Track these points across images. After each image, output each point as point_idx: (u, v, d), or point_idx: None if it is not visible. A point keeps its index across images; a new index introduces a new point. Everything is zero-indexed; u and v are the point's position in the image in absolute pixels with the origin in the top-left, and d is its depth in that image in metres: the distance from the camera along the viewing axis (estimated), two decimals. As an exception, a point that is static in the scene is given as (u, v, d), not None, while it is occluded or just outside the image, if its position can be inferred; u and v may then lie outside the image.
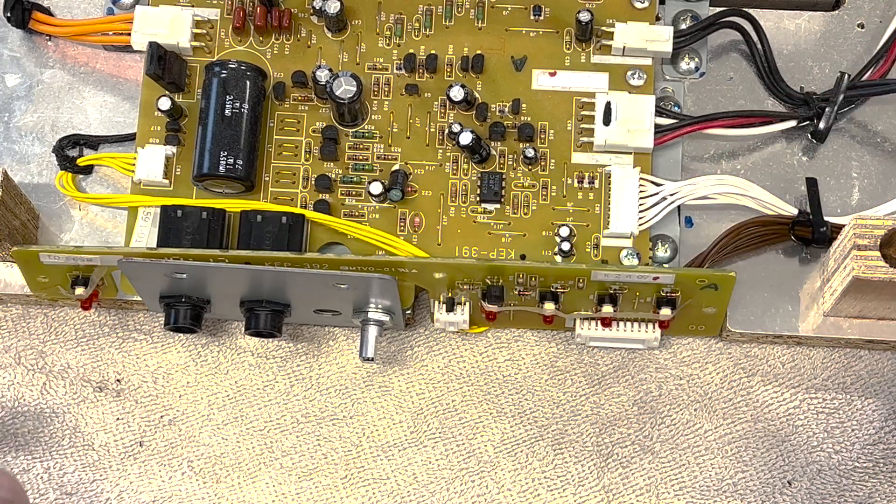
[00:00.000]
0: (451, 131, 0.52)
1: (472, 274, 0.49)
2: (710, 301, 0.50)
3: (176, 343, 0.54)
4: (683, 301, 0.49)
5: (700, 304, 0.50)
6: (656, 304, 0.50)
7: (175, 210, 0.52)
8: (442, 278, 0.50)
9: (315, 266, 0.49)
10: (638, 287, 0.49)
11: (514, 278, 0.49)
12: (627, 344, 0.52)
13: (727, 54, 0.56)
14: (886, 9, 0.56)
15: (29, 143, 0.55)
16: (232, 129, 0.52)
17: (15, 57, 0.56)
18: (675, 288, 0.49)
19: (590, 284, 0.49)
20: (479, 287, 0.50)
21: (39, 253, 0.49)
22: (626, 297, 0.50)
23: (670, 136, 0.53)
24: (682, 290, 0.49)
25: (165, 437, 0.53)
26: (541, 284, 0.50)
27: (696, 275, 0.48)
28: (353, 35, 0.54)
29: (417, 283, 0.51)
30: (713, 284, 0.49)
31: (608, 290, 0.49)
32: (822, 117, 0.53)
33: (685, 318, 0.51)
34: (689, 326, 0.52)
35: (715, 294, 0.49)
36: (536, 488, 0.53)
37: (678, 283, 0.49)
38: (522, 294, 0.50)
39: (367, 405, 0.54)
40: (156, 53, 0.52)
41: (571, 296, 0.50)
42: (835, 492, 0.52)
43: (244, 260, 0.49)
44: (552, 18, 0.54)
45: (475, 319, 0.52)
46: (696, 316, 0.51)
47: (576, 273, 0.49)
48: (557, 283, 0.49)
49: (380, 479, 0.53)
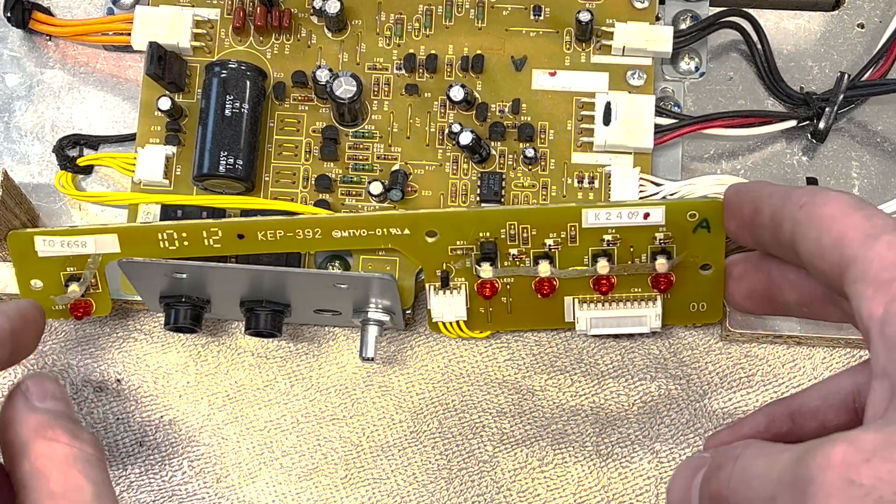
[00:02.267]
0: (451, 131, 0.53)
1: (464, 226, 0.49)
2: (705, 251, 0.49)
3: (176, 343, 0.54)
4: (679, 250, 0.49)
5: (696, 256, 0.49)
6: (652, 258, 0.49)
7: (175, 210, 0.52)
8: (435, 242, 0.49)
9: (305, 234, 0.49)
10: (631, 236, 0.48)
11: (506, 231, 0.49)
12: (629, 327, 0.51)
13: (727, 54, 0.56)
14: (886, 9, 0.56)
15: (29, 143, 0.55)
16: (232, 129, 0.52)
17: (15, 57, 0.56)
18: (668, 233, 0.48)
19: (583, 235, 0.49)
20: (473, 255, 0.49)
21: (35, 236, 0.49)
22: (621, 253, 0.49)
23: (670, 136, 0.53)
24: (675, 235, 0.48)
25: (165, 437, 0.53)
26: (534, 242, 0.49)
27: (685, 205, 0.48)
28: (353, 35, 0.54)
29: (411, 254, 0.50)
30: (704, 221, 0.48)
31: (602, 243, 0.49)
32: (822, 117, 0.53)
33: (684, 291, 0.50)
34: (690, 305, 0.51)
35: (709, 241, 0.48)
36: (536, 488, 0.53)
37: (669, 222, 0.48)
38: (516, 258, 0.49)
39: (367, 405, 0.54)
40: (156, 53, 0.52)
41: (566, 255, 0.49)
42: (835, 492, 0.52)
43: (236, 228, 0.49)
44: (552, 18, 0.54)
45: (474, 322, 0.52)
46: (694, 286, 0.50)
47: (566, 216, 0.48)
48: (550, 236, 0.49)
49: (380, 479, 0.53)
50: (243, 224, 0.49)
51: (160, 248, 0.49)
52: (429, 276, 0.50)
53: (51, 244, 0.49)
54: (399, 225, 0.49)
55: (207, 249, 0.49)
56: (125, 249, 0.49)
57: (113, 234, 0.49)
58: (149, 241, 0.49)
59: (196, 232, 0.49)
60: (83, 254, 0.50)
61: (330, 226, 0.49)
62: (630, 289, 0.50)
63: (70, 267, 0.50)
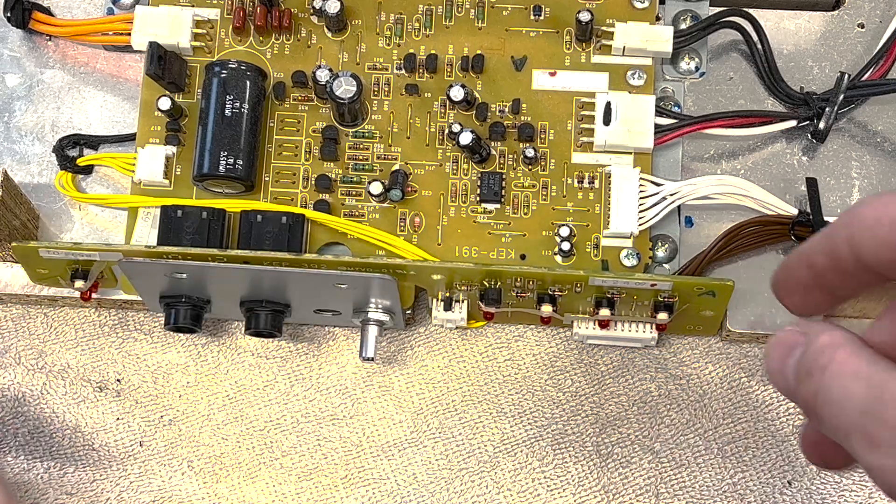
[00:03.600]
0: (451, 131, 0.53)
1: (470, 277, 0.49)
2: (707, 306, 0.50)
3: (176, 343, 0.54)
4: (681, 306, 0.49)
5: (697, 308, 0.50)
6: (654, 309, 0.50)
7: (175, 210, 0.52)
8: (440, 279, 0.50)
9: (314, 266, 0.49)
10: (636, 292, 0.49)
11: (511, 282, 0.49)
12: (625, 343, 0.53)
13: (727, 54, 0.56)
14: (886, 9, 0.56)
15: (29, 143, 0.55)
16: (232, 129, 0.52)
17: (15, 57, 0.56)
18: (672, 293, 0.49)
19: (587, 289, 0.49)
20: (476, 288, 0.50)
21: (39, 249, 0.49)
22: (624, 300, 0.50)
23: (670, 136, 0.53)
24: (679, 296, 0.49)
25: (165, 437, 0.53)
26: (538, 287, 0.50)
27: (693, 283, 0.48)
28: (353, 35, 0.54)
29: (416, 283, 0.51)
30: (711, 291, 0.49)
31: (606, 294, 0.49)
32: (822, 117, 0.53)
33: (683, 320, 0.51)
34: (687, 326, 0.52)
35: (713, 300, 0.49)
36: (536, 488, 0.53)
37: (676, 290, 0.49)
38: (520, 296, 0.50)
39: (367, 405, 0.54)
40: (156, 53, 0.52)
41: (569, 298, 0.50)
42: (835, 492, 0.52)
43: (243, 259, 0.49)
44: (552, 18, 0.54)
45: (474, 315, 0.52)
46: (693, 317, 0.51)
47: (574, 278, 0.49)
48: (555, 286, 0.49)
49: (380, 479, 0.53)
50: (249, 256, 0.49)
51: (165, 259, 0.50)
52: (432, 294, 0.51)
53: (55, 253, 0.50)
54: (406, 269, 0.49)
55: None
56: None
57: (117, 253, 0.49)
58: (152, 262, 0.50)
59: (200, 259, 0.49)
60: (88, 260, 0.50)
61: (336, 265, 0.49)
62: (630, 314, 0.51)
63: (76, 265, 0.51)
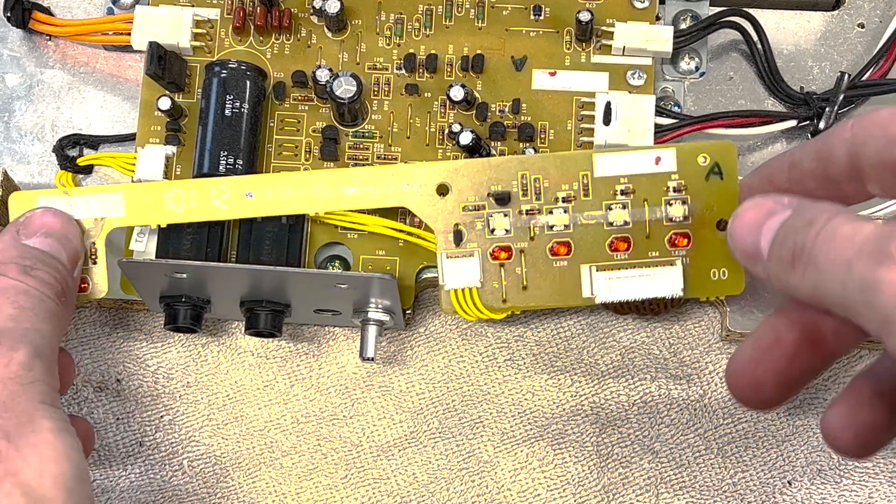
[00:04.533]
0: (451, 131, 0.53)
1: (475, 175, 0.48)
2: (719, 200, 0.48)
3: (176, 343, 0.54)
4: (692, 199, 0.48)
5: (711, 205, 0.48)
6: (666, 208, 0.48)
7: (175, 210, 0.52)
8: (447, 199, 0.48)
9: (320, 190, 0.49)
10: (644, 185, 0.48)
11: (517, 183, 0.48)
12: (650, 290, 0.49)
13: (727, 54, 0.56)
14: (886, 9, 0.56)
15: (29, 143, 0.55)
16: (232, 129, 0.52)
17: (15, 57, 0.56)
18: (680, 181, 0.48)
19: (595, 185, 0.48)
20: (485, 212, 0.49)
21: (38, 196, 0.49)
22: (635, 205, 0.48)
23: (670, 136, 0.53)
24: (688, 183, 0.48)
25: (165, 437, 0.53)
26: (546, 196, 0.48)
27: (695, 147, 0.48)
28: (353, 35, 0.54)
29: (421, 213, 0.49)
30: (717, 167, 0.48)
31: (615, 195, 0.48)
32: (822, 117, 0.53)
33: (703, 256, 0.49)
34: (710, 272, 0.49)
35: (722, 190, 0.48)
36: (536, 488, 0.53)
37: (681, 169, 0.48)
38: (530, 212, 0.49)
39: (367, 405, 0.54)
40: (156, 53, 0.52)
41: (579, 207, 0.48)
42: (835, 492, 0.52)
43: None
44: (552, 18, 0.54)
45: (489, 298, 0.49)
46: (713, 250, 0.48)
47: (576, 160, 0.48)
48: (563, 188, 0.48)
49: (380, 479, 0.53)
50: (252, 181, 0.49)
51: (166, 209, 0.49)
52: (442, 243, 0.49)
53: (54, 204, 0.49)
54: (409, 178, 0.48)
55: (215, 211, 0.49)
56: (130, 213, 0.49)
57: (118, 192, 0.49)
58: (155, 202, 0.49)
59: (204, 190, 0.49)
60: (86, 217, 0.49)
61: (341, 181, 0.49)
62: (647, 253, 0.49)
63: None
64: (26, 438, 0.41)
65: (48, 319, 0.45)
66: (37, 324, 0.44)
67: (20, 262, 0.46)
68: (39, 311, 0.45)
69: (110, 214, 0.49)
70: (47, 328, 0.45)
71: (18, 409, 0.42)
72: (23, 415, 0.42)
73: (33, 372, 0.43)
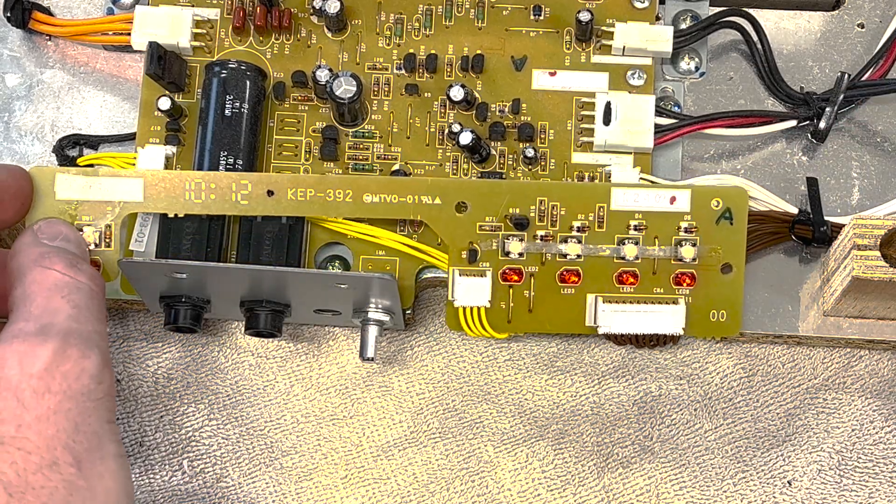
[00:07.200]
0: (451, 131, 0.53)
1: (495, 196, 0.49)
2: (727, 244, 0.49)
3: (176, 343, 0.54)
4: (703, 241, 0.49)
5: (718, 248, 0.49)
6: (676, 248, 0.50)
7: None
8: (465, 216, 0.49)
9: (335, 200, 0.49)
10: (657, 222, 0.49)
11: (535, 208, 0.49)
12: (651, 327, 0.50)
13: (727, 54, 0.56)
14: (886, 9, 0.56)
15: (29, 143, 0.55)
16: (232, 129, 0.52)
17: (15, 57, 0.56)
18: (692, 222, 0.49)
19: (610, 217, 0.49)
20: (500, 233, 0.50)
21: (57, 174, 0.49)
22: (647, 240, 0.49)
23: (670, 136, 0.53)
24: (699, 224, 0.49)
25: (165, 437, 0.53)
26: (562, 223, 0.49)
27: (709, 190, 0.49)
28: (353, 35, 0.54)
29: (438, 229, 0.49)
30: (728, 212, 0.49)
31: (628, 229, 0.49)
32: (822, 117, 0.53)
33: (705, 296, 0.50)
34: (710, 314, 0.50)
35: (731, 235, 0.49)
36: (536, 488, 0.53)
37: (694, 210, 0.49)
38: (545, 238, 0.50)
39: (367, 405, 0.54)
40: (156, 53, 0.52)
41: (592, 237, 0.50)
42: (835, 492, 0.52)
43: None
44: (552, 18, 0.54)
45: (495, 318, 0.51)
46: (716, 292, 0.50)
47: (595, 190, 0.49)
48: (578, 217, 0.49)
49: (380, 479, 0.53)
50: (274, 179, 0.49)
51: (185, 199, 0.49)
52: (455, 259, 0.50)
53: (72, 184, 0.49)
54: (431, 192, 0.49)
55: (234, 207, 0.49)
56: (149, 200, 0.49)
57: (139, 178, 0.49)
58: (175, 190, 0.49)
59: (225, 185, 0.49)
60: (104, 200, 0.49)
61: (362, 187, 0.49)
62: (653, 289, 0.50)
63: (87, 216, 0.49)
64: (94, 468, 0.39)
65: (103, 319, 0.42)
66: (97, 325, 0.42)
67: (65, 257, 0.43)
68: (94, 309, 0.42)
69: (129, 198, 0.49)
70: (104, 329, 0.42)
71: (89, 430, 0.39)
72: (93, 437, 0.39)
73: (103, 385, 0.40)
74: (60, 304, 0.41)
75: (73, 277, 0.42)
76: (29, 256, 0.44)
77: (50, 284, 0.42)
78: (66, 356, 0.40)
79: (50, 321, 0.41)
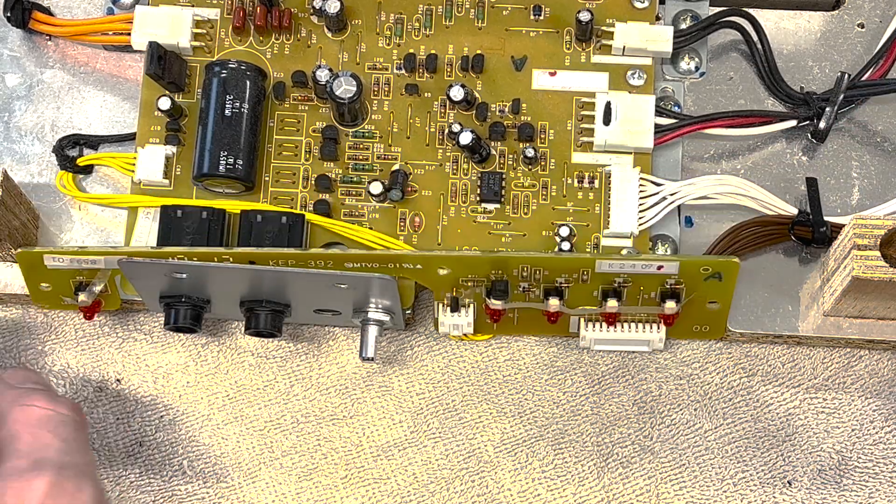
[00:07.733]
0: (451, 131, 0.53)
1: (477, 268, 0.49)
2: (714, 293, 0.49)
3: (176, 343, 0.54)
4: (688, 294, 0.49)
5: (704, 297, 0.49)
6: (661, 299, 0.50)
7: (175, 210, 0.52)
8: (446, 275, 0.50)
9: (317, 264, 0.49)
10: (642, 280, 0.49)
11: (518, 272, 0.49)
12: (632, 346, 0.52)
13: (727, 54, 0.56)
14: (886, 9, 0.56)
15: (29, 143, 0.55)
16: (232, 129, 0.52)
17: (15, 57, 0.56)
18: (679, 280, 0.49)
19: (594, 277, 0.49)
20: (483, 285, 0.50)
21: (44, 255, 0.49)
22: (631, 291, 0.49)
23: (670, 136, 0.53)
24: (686, 282, 0.49)
25: (165, 437, 0.53)
26: (545, 279, 0.49)
27: (699, 262, 0.48)
28: (353, 35, 0.54)
29: (421, 281, 0.50)
30: (717, 273, 0.48)
31: (612, 283, 0.49)
32: (822, 117, 0.53)
33: (689, 318, 0.51)
34: (692, 327, 0.52)
35: (719, 286, 0.49)
36: (536, 488, 0.53)
37: (682, 273, 0.48)
38: (527, 291, 0.50)
39: (367, 405, 0.54)
40: (156, 53, 0.52)
41: (576, 291, 0.50)
42: (835, 492, 0.52)
43: (247, 256, 0.49)
44: (552, 18, 0.54)
45: (479, 325, 0.52)
46: (699, 314, 0.51)
47: (580, 263, 0.49)
48: (562, 276, 0.49)
49: (380, 479, 0.53)
50: (255, 253, 0.49)
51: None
52: (438, 296, 0.51)
53: (60, 260, 0.50)
54: (412, 262, 0.49)
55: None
56: None
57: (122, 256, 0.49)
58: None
59: (206, 259, 0.49)
60: (92, 268, 0.50)
61: (342, 259, 0.49)
62: (635, 317, 0.51)
63: (79, 276, 0.50)
64: None
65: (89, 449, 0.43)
66: (86, 456, 0.42)
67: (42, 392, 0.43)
68: (81, 440, 0.42)
69: (115, 266, 0.50)
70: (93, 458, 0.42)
71: None
72: None
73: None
74: (48, 438, 0.42)
75: (55, 410, 0.43)
76: (5, 399, 0.44)
77: (34, 421, 0.43)
78: (63, 489, 0.41)
79: (41, 456, 0.41)
